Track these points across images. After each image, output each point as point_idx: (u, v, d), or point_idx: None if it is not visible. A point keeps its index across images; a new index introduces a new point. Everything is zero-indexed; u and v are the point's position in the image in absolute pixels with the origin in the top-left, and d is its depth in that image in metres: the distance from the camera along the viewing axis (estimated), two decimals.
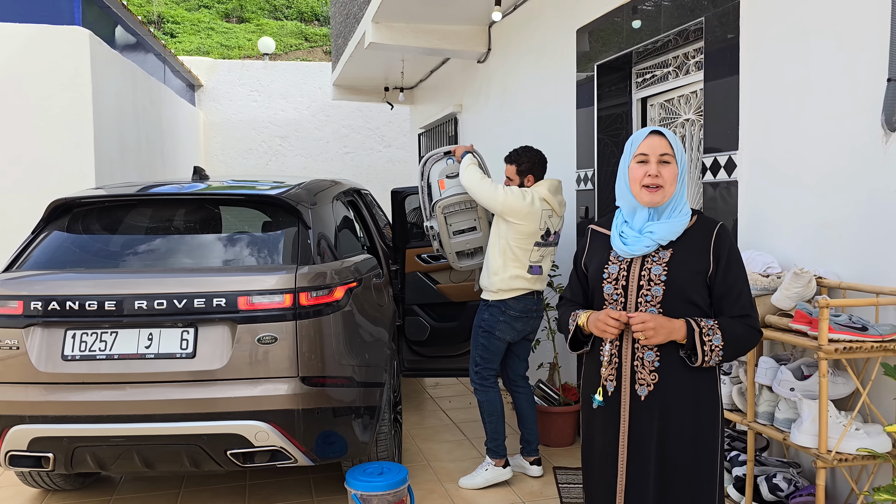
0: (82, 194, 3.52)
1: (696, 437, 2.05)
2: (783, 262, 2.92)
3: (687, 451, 2.04)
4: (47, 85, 5.97)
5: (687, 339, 1.98)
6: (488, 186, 3.76)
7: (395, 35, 6.24)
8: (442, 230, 4.15)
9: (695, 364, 2.00)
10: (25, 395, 3.01)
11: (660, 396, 2.03)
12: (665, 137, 2.05)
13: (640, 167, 2.05)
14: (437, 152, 4.29)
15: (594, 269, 2.15)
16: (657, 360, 2.03)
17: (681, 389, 2.03)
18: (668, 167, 2.03)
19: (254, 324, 3.03)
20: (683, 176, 2.07)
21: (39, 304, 3.04)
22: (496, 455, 3.89)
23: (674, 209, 2.06)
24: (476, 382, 3.93)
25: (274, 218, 3.45)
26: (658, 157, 2.04)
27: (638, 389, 2.05)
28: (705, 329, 1.97)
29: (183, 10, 19.88)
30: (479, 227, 4.19)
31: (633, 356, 2.05)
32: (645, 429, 2.05)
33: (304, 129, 12.56)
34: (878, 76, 2.48)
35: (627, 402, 2.06)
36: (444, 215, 4.12)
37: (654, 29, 3.82)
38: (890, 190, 2.46)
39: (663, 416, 2.04)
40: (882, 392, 2.53)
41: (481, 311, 3.90)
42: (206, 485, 3.97)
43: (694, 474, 2.05)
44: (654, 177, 2.02)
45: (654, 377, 2.03)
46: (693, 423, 2.04)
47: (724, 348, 1.98)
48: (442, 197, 4.14)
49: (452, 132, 7.85)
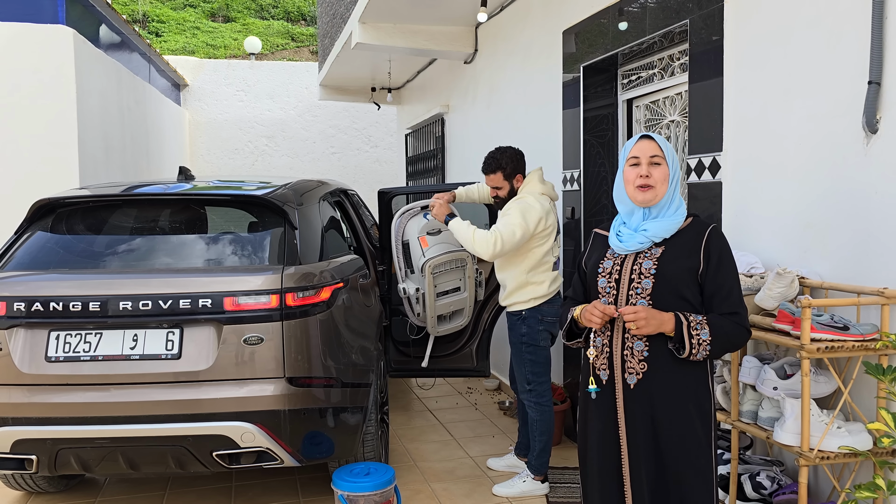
0: (66, 194, 3.49)
1: (685, 428, 2.12)
2: (766, 262, 2.95)
3: (677, 441, 2.12)
4: (31, 84, 5.91)
5: (675, 331, 2.06)
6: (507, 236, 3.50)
7: (382, 35, 6.24)
8: (429, 291, 3.96)
9: (682, 356, 2.08)
10: (8, 396, 2.98)
11: (648, 385, 2.13)
12: (654, 141, 2.19)
13: (632, 170, 2.18)
14: (413, 207, 4.10)
15: (591, 266, 2.27)
16: (646, 349, 2.12)
17: (669, 380, 2.12)
18: (659, 168, 2.16)
19: (240, 324, 3.02)
20: (676, 178, 2.18)
21: (23, 304, 3.02)
22: (538, 472, 3.80)
23: (668, 209, 2.18)
24: (532, 401, 3.76)
25: (260, 218, 3.44)
26: (648, 158, 2.16)
27: (627, 378, 2.15)
28: (693, 323, 2.06)
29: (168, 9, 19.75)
30: (465, 287, 4.03)
31: (623, 346, 2.15)
32: (637, 415, 2.14)
33: (291, 129, 12.52)
34: (859, 79, 2.51)
35: (621, 389, 2.16)
36: (432, 275, 3.95)
37: (639, 31, 3.84)
38: (871, 191, 2.49)
39: (652, 404, 2.13)
40: (863, 391, 2.56)
41: (516, 326, 3.76)
42: (192, 486, 3.95)
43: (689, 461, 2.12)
44: (646, 177, 2.15)
45: (644, 366, 2.13)
46: (682, 413, 2.12)
47: (712, 343, 2.06)
48: (432, 256, 3.93)
49: (439, 132, 7.86)
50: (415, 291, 4.08)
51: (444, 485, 3.92)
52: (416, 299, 4.08)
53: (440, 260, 3.95)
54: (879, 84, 2.43)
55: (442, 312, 4.05)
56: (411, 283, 4.09)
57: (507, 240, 3.52)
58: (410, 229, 4.10)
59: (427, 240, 4.00)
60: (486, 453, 4.38)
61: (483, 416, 5.17)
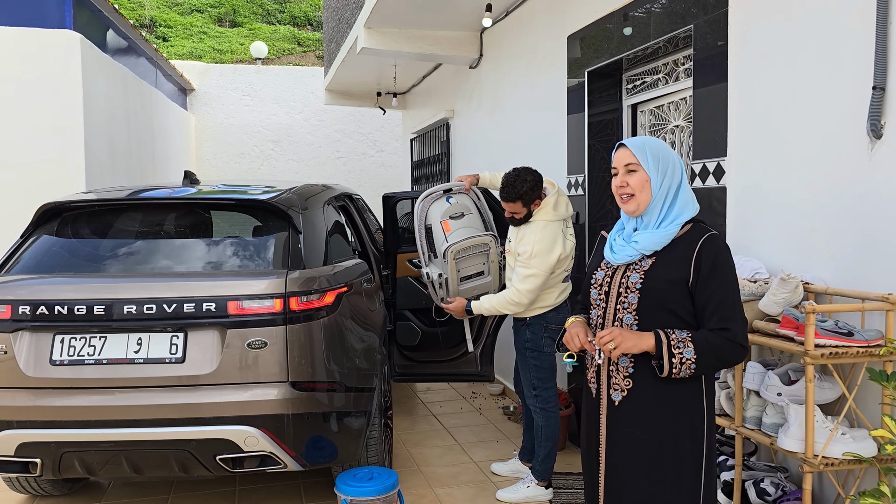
0: (72, 198, 3.51)
1: (671, 448, 2.03)
2: (771, 267, 2.94)
3: (662, 462, 2.04)
4: (38, 88, 5.94)
5: (656, 349, 1.97)
6: (531, 285, 3.54)
7: (388, 40, 6.25)
8: (452, 276, 3.93)
9: (662, 375, 1.98)
10: (13, 399, 2.99)
11: (633, 402, 2.05)
12: (628, 148, 2.09)
13: (614, 180, 2.12)
14: (436, 190, 4.06)
15: (588, 273, 2.23)
16: (631, 366, 2.05)
17: (656, 397, 2.03)
18: (635, 175, 2.06)
19: (244, 328, 3.02)
20: (666, 184, 2.05)
21: (28, 308, 3.03)
22: (542, 478, 3.79)
23: (661, 219, 2.06)
24: (537, 406, 3.77)
25: (265, 222, 3.44)
26: (623, 167, 2.09)
27: (612, 394, 2.09)
28: (675, 341, 1.95)
29: (175, 14, 19.86)
30: (489, 271, 4.00)
31: (609, 361, 2.09)
32: (619, 433, 2.07)
33: (296, 134, 12.56)
34: (863, 84, 2.50)
35: (605, 406, 2.11)
36: (455, 260, 3.92)
37: (644, 36, 3.85)
38: (875, 196, 2.48)
39: (636, 422, 2.05)
40: (868, 397, 2.55)
41: (521, 332, 3.76)
42: (195, 490, 3.96)
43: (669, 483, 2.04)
44: (621, 186, 2.08)
45: (629, 383, 2.06)
46: (669, 432, 2.03)
47: (697, 361, 1.94)
48: (454, 242, 3.90)
49: (444, 137, 7.87)
50: (437, 277, 4.01)
51: (448, 490, 3.92)
52: (440, 284, 4.02)
53: (462, 245, 3.90)
54: (884, 89, 2.43)
55: (467, 297, 3.99)
56: (434, 268, 4.04)
57: (531, 289, 3.55)
58: (433, 213, 4.04)
59: (450, 224, 3.95)
60: (490, 458, 4.37)
61: (487, 421, 5.16)
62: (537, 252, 3.56)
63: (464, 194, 4.09)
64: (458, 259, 3.92)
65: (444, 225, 3.98)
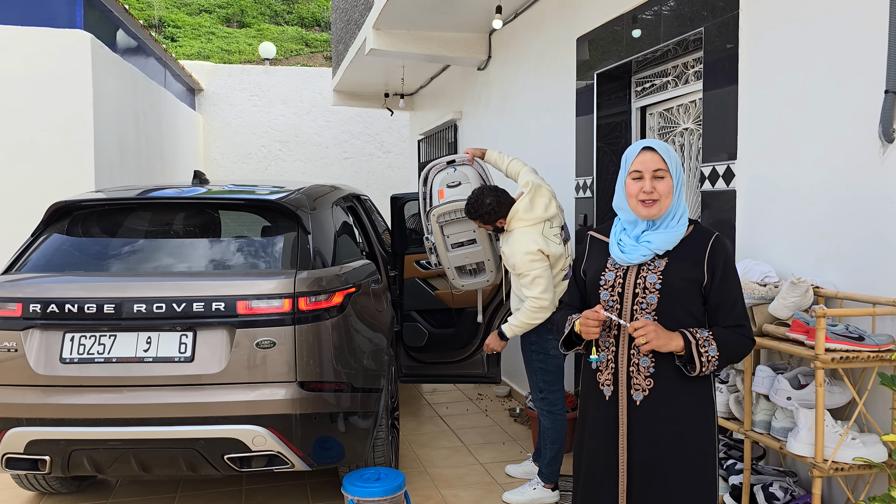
0: (82, 197, 3.53)
1: (692, 444, 2.09)
2: (780, 271, 2.93)
3: (683, 457, 2.08)
4: (48, 88, 5.98)
5: (685, 350, 2.02)
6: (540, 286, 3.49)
7: (396, 42, 6.26)
8: (438, 241, 3.97)
9: (692, 374, 2.04)
10: (23, 397, 3.01)
11: (655, 402, 2.08)
12: (657, 152, 2.08)
13: (635, 183, 2.09)
14: (442, 161, 4.13)
15: (592, 276, 2.20)
16: (652, 365, 2.08)
17: (676, 396, 2.08)
18: (663, 181, 2.07)
19: (252, 328, 3.03)
20: (680, 187, 2.11)
21: (38, 306, 3.05)
22: (548, 480, 3.79)
23: (671, 219, 2.11)
24: (544, 409, 3.76)
25: (273, 223, 3.45)
26: (651, 173, 2.07)
27: (633, 394, 2.10)
28: (701, 341, 2.02)
29: (184, 14, 19.93)
30: (479, 240, 3.99)
31: (629, 361, 2.10)
32: (642, 432, 2.09)
33: (304, 135, 12.59)
34: (875, 87, 2.49)
35: (625, 407, 2.11)
36: (439, 225, 3.94)
37: (653, 38, 3.84)
38: (887, 200, 2.47)
39: (658, 421, 2.08)
40: (878, 402, 2.54)
41: (526, 335, 3.74)
42: (203, 489, 3.97)
43: (692, 480, 2.09)
44: (649, 192, 2.07)
45: (650, 382, 2.09)
46: (689, 429, 2.09)
47: (719, 358, 2.03)
48: (437, 205, 3.94)
49: (452, 139, 7.87)
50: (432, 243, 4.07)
51: (454, 491, 3.92)
52: (430, 249, 4.08)
53: (444, 209, 3.91)
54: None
55: (460, 264, 3.98)
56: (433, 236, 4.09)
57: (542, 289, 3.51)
58: (435, 182, 4.08)
59: (445, 192, 3.97)
60: (497, 460, 4.37)
61: (493, 423, 5.16)
62: (520, 260, 3.54)
63: (468, 165, 4.09)
64: (442, 223, 3.93)
65: (439, 193, 4.00)
